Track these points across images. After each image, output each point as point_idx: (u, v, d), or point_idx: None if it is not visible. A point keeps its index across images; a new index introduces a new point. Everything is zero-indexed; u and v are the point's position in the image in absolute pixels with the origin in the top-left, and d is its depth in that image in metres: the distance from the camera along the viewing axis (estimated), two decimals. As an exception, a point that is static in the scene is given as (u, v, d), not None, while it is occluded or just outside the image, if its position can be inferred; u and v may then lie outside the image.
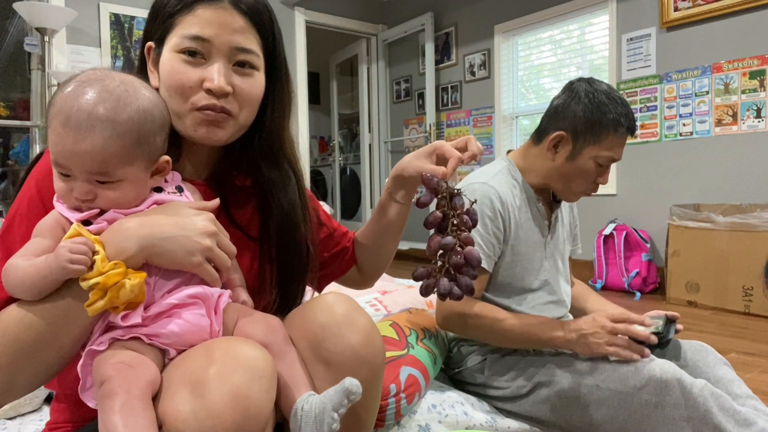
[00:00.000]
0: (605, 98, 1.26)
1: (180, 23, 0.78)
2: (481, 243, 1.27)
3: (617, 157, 1.30)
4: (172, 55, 0.78)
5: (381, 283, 2.18)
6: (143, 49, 0.84)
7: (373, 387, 0.81)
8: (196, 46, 0.77)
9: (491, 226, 1.29)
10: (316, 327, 0.76)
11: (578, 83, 1.31)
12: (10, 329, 0.67)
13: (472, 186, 1.33)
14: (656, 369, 1.10)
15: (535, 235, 1.37)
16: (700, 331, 2.59)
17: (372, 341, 0.78)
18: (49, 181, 0.74)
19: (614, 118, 1.25)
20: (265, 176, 0.89)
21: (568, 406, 1.18)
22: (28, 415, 1.31)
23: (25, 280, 0.66)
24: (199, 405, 0.60)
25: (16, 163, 4.44)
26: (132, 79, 0.72)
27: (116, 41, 3.96)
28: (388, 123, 5.62)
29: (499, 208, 1.30)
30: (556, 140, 1.31)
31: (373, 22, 5.48)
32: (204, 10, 0.78)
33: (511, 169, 1.39)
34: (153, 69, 0.83)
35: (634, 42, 3.60)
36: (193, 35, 0.77)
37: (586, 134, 1.27)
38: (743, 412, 1.07)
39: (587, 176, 1.30)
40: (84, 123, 0.66)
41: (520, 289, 1.36)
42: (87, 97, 0.67)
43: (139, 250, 0.66)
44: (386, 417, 1.17)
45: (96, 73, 0.70)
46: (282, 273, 0.91)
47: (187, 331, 0.68)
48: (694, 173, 3.36)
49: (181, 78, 0.77)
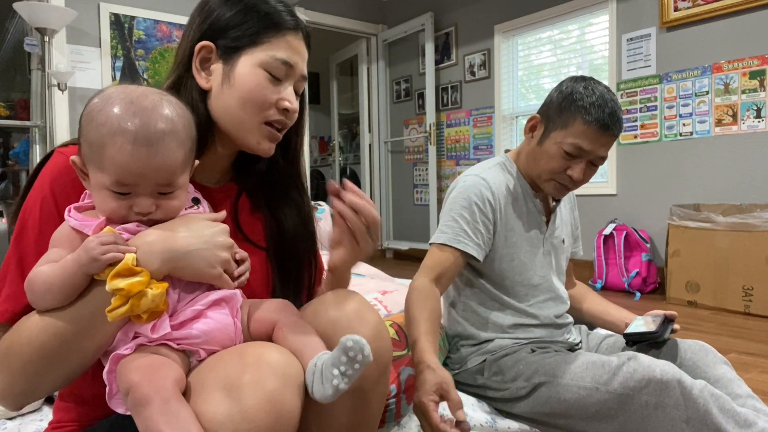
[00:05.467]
0: (583, 90, 1.27)
1: (269, 43, 0.83)
2: (467, 229, 1.30)
3: (586, 148, 1.27)
4: (258, 71, 0.82)
5: (381, 283, 2.18)
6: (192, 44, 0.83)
7: (380, 382, 0.82)
8: (284, 71, 0.84)
9: (479, 214, 1.31)
10: (326, 322, 0.78)
11: (569, 78, 1.34)
12: (34, 337, 0.67)
13: (465, 178, 1.36)
14: (656, 370, 1.09)
15: (531, 229, 1.39)
16: (700, 331, 2.59)
17: (381, 337, 0.80)
18: (63, 182, 0.74)
19: (582, 106, 1.25)
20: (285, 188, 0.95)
21: (568, 407, 1.18)
22: (28, 415, 1.31)
23: (53, 281, 0.66)
24: (235, 408, 0.62)
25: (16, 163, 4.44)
26: (160, 92, 0.73)
27: (116, 41, 3.96)
28: (388, 123, 5.62)
29: (489, 198, 1.32)
30: (531, 123, 1.36)
31: (373, 22, 5.47)
32: (293, 39, 0.85)
33: (507, 164, 1.42)
34: (201, 69, 0.84)
35: (634, 42, 3.60)
36: (284, 60, 0.83)
37: (555, 118, 1.30)
38: (743, 413, 1.07)
39: (552, 162, 1.30)
40: (154, 137, 0.67)
41: (520, 284, 1.38)
42: (147, 114, 0.68)
43: (162, 264, 0.68)
44: (386, 417, 1.17)
45: (129, 89, 0.71)
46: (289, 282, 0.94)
47: (214, 329, 0.70)
48: (694, 173, 3.36)
49: (265, 94, 0.82)
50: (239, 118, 0.82)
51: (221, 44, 0.83)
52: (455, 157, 4.88)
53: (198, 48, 0.83)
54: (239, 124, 0.83)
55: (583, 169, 1.30)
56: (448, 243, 1.29)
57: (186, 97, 0.82)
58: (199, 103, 0.83)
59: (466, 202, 1.31)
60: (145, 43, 4.08)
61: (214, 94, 0.83)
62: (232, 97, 0.82)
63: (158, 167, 0.68)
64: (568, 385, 1.18)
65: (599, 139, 1.27)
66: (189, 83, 0.83)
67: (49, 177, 0.76)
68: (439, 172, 4.98)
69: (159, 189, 0.70)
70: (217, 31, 0.83)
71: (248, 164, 0.94)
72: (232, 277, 0.74)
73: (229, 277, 0.74)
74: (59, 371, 0.69)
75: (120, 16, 3.98)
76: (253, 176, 0.94)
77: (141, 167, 0.67)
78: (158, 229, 0.70)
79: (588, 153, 1.28)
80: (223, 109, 0.83)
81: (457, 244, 1.29)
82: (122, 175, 0.67)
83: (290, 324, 0.74)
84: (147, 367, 0.64)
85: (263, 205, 0.94)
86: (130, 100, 0.68)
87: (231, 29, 0.83)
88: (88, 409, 0.81)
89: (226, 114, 0.83)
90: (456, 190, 1.36)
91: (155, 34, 4.11)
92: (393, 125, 5.59)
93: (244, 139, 0.84)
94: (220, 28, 0.83)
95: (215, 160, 0.89)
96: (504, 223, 1.35)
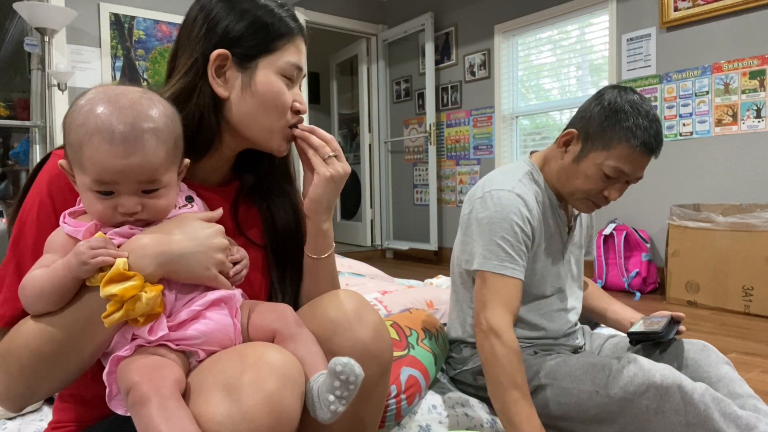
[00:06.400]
0: (628, 107, 1.18)
1: (284, 48, 0.85)
2: (512, 253, 1.21)
3: (627, 171, 1.20)
4: (276, 78, 0.85)
5: (381, 283, 2.18)
6: (206, 53, 0.82)
7: (381, 382, 0.83)
8: (296, 73, 0.87)
9: (521, 235, 1.23)
10: (326, 322, 0.79)
11: (609, 89, 1.24)
12: (31, 341, 0.67)
13: (498, 194, 1.25)
14: (656, 375, 1.08)
15: (556, 242, 1.35)
16: (700, 331, 2.59)
17: (381, 337, 0.80)
18: (61, 183, 0.75)
19: (629, 128, 1.16)
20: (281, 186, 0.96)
21: (568, 410, 1.18)
22: (28, 415, 1.31)
23: (44, 286, 0.66)
24: (235, 409, 0.62)
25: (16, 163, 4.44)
26: (143, 90, 0.73)
27: (116, 41, 3.96)
28: (388, 123, 5.62)
29: (528, 216, 1.24)
30: (567, 137, 1.26)
31: (373, 22, 5.47)
32: (300, 42, 0.88)
33: (534, 174, 1.33)
34: (216, 76, 0.83)
35: (634, 42, 3.60)
36: (296, 64, 0.87)
37: (595, 138, 1.21)
38: (744, 417, 1.06)
39: (589, 183, 1.23)
40: (131, 135, 0.67)
41: (534, 296, 1.33)
42: (124, 112, 0.67)
43: (157, 267, 0.67)
44: (387, 418, 1.17)
45: (109, 89, 0.70)
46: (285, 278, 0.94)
47: (213, 329, 0.70)
48: (694, 173, 3.36)
49: (285, 99, 0.86)
50: (264, 124, 0.85)
51: (237, 53, 0.83)
52: (455, 157, 4.88)
53: (214, 56, 0.82)
54: (265, 129, 0.85)
55: (621, 189, 1.24)
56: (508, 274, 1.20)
57: (199, 104, 0.82)
58: (211, 110, 0.83)
59: (508, 225, 1.22)
60: (145, 43, 4.08)
61: (234, 102, 0.84)
62: (255, 104, 0.84)
63: (138, 165, 0.67)
64: (568, 387, 1.18)
65: (642, 161, 1.20)
66: (204, 90, 0.82)
67: (46, 179, 0.76)
68: (439, 172, 4.98)
69: (142, 187, 0.69)
70: (231, 40, 0.83)
71: (249, 162, 0.95)
72: (227, 277, 0.74)
73: (225, 277, 0.74)
74: (57, 374, 0.69)
75: (120, 16, 3.97)
76: (254, 173, 0.95)
77: (119, 165, 0.66)
78: (152, 232, 0.70)
79: (627, 175, 1.21)
80: (247, 116, 0.84)
81: (513, 273, 1.20)
82: (101, 174, 0.67)
83: (289, 336, 0.74)
84: (147, 368, 0.64)
85: (259, 199, 0.95)
86: (108, 99, 0.68)
87: (244, 38, 0.83)
88: (88, 410, 0.81)
89: (251, 121, 0.85)
90: (492, 209, 1.24)
91: (155, 34, 4.11)
92: (393, 125, 5.59)
93: (267, 142, 0.87)
94: (233, 38, 0.83)
95: (221, 162, 0.90)
96: (536, 240, 1.29)
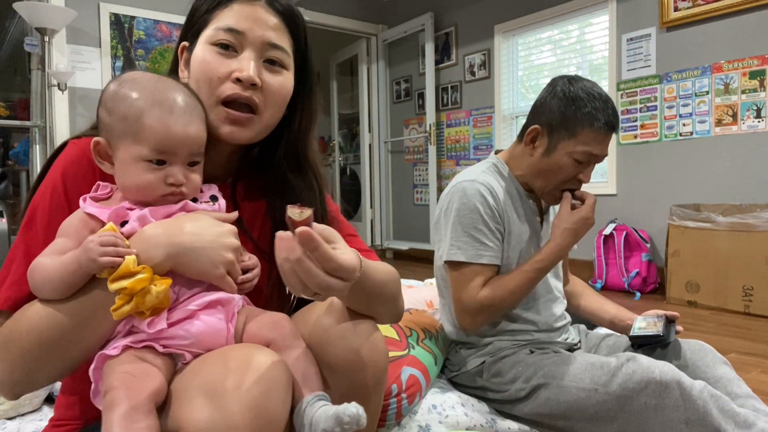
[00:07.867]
0: (582, 93, 1.26)
1: (216, 17, 0.80)
2: (486, 242, 1.28)
3: (596, 152, 1.28)
4: (205, 47, 0.79)
5: (381, 283, 2.17)
6: (177, 50, 0.85)
7: (376, 390, 0.81)
8: (230, 38, 0.78)
9: (491, 222, 1.29)
10: (320, 330, 0.76)
11: (559, 80, 1.32)
12: (34, 326, 0.67)
13: (460, 185, 1.32)
14: (655, 371, 1.09)
15: (527, 230, 1.37)
16: (700, 331, 2.59)
17: (376, 345, 0.77)
18: (75, 172, 0.75)
19: (589, 112, 1.24)
20: (290, 183, 0.88)
21: (567, 408, 1.18)
22: (28, 415, 1.31)
23: (53, 276, 0.66)
24: (217, 415, 0.60)
25: (15, 163, 4.44)
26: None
27: (116, 41, 3.96)
28: (388, 123, 5.62)
29: (493, 203, 1.30)
30: (532, 134, 1.32)
31: (373, 22, 5.47)
32: (241, 6, 0.79)
33: (499, 165, 1.40)
34: (184, 68, 0.83)
35: (634, 42, 3.60)
36: (227, 27, 0.78)
37: (560, 129, 1.27)
38: (743, 414, 1.06)
39: (563, 172, 1.30)
40: (187, 108, 0.72)
41: None
42: (174, 89, 0.73)
43: (167, 258, 0.67)
44: (387, 417, 1.17)
45: (145, 73, 0.75)
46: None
47: (203, 332, 0.69)
48: (694, 173, 3.36)
49: (211, 68, 0.78)
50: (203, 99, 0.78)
51: (189, 39, 0.82)
52: (455, 157, 4.88)
53: (180, 49, 0.83)
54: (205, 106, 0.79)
55: (591, 171, 1.32)
56: (470, 261, 1.28)
57: None
58: None
59: (477, 215, 1.28)
60: (145, 43, 4.07)
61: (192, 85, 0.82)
62: (191, 84, 0.80)
63: (193, 135, 0.73)
64: (567, 386, 1.18)
65: (606, 139, 1.29)
66: None
67: (61, 167, 0.76)
68: (439, 172, 4.98)
69: (189, 159, 0.74)
70: (186, 30, 0.83)
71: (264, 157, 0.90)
72: (235, 281, 0.73)
73: (233, 280, 0.73)
74: (58, 362, 0.69)
75: (120, 16, 3.97)
76: (258, 166, 0.90)
77: (180, 134, 0.71)
78: (165, 223, 0.70)
79: (596, 156, 1.29)
80: None
81: (479, 259, 1.28)
82: (161, 143, 0.70)
83: (284, 348, 0.72)
84: (127, 375, 0.63)
85: (262, 197, 0.90)
86: (156, 78, 0.74)
87: (189, 22, 0.82)
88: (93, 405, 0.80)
89: None
90: (457, 201, 1.31)
91: (155, 34, 4.11)
92: (393, 125, 5.58)
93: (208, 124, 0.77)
94: (188, 28, 0.83)
95: (221, 155, 0.86)
96: (506, 225, 1.34)
